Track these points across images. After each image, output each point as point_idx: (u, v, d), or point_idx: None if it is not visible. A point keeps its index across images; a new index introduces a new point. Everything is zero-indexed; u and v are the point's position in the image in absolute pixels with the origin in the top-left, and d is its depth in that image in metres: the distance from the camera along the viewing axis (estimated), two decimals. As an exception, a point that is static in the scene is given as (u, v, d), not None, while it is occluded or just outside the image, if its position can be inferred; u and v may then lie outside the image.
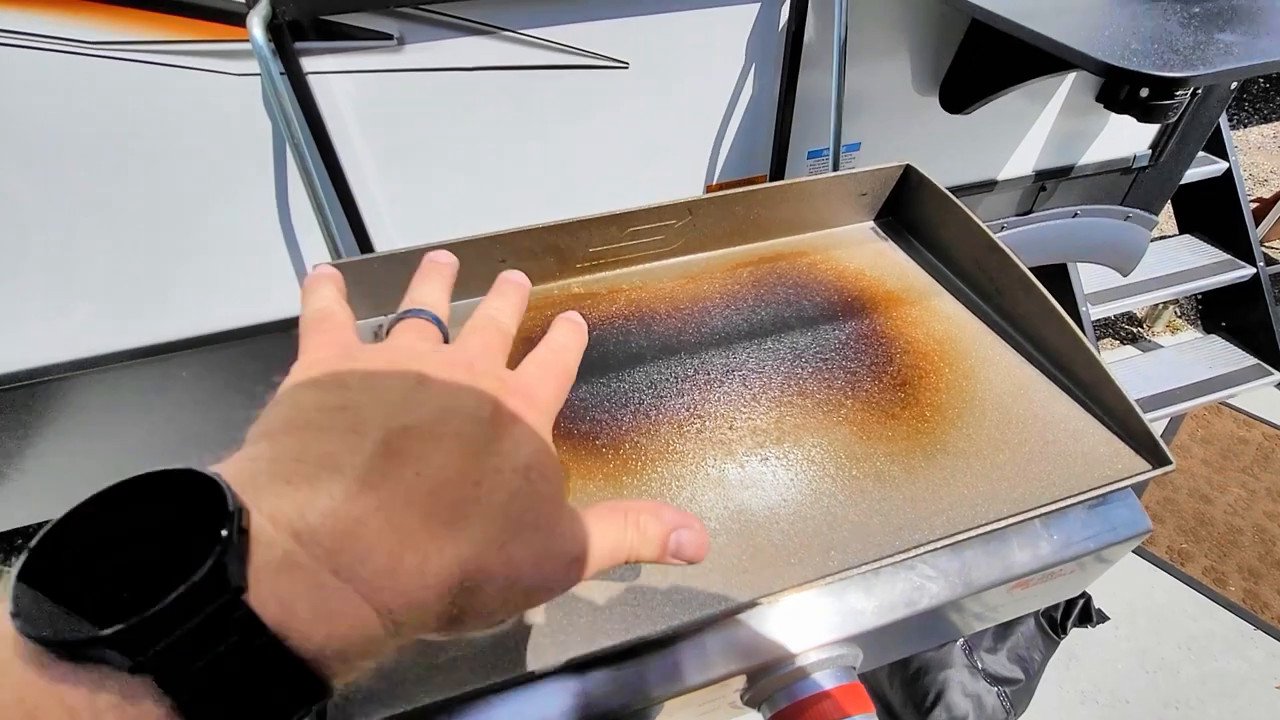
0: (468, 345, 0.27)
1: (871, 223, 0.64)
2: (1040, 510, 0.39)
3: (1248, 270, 1.69)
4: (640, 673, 0.35)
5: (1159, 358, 1.75)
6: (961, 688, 1.09)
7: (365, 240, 0.83)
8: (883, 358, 0.51)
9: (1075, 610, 1.15)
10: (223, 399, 0.91)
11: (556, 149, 0.87)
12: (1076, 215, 1.29)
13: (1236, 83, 1.58)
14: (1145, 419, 0.42)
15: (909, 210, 0.62)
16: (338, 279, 0.30)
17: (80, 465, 0.92)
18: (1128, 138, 1.22)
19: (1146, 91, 0.68)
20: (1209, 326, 1.86)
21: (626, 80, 0.83)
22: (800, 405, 0.47)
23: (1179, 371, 1.67)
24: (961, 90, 0.96)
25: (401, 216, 0.85)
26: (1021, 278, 0.50)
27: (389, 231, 0.85)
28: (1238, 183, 1.67)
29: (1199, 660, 1.41)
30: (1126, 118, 0.77)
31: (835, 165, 0.86)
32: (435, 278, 0.32)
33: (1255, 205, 2.12)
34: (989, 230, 0.53)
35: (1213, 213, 1.75)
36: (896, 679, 1.13)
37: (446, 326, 0.29)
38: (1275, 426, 1.89)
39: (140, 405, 0.89)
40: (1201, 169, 1.63)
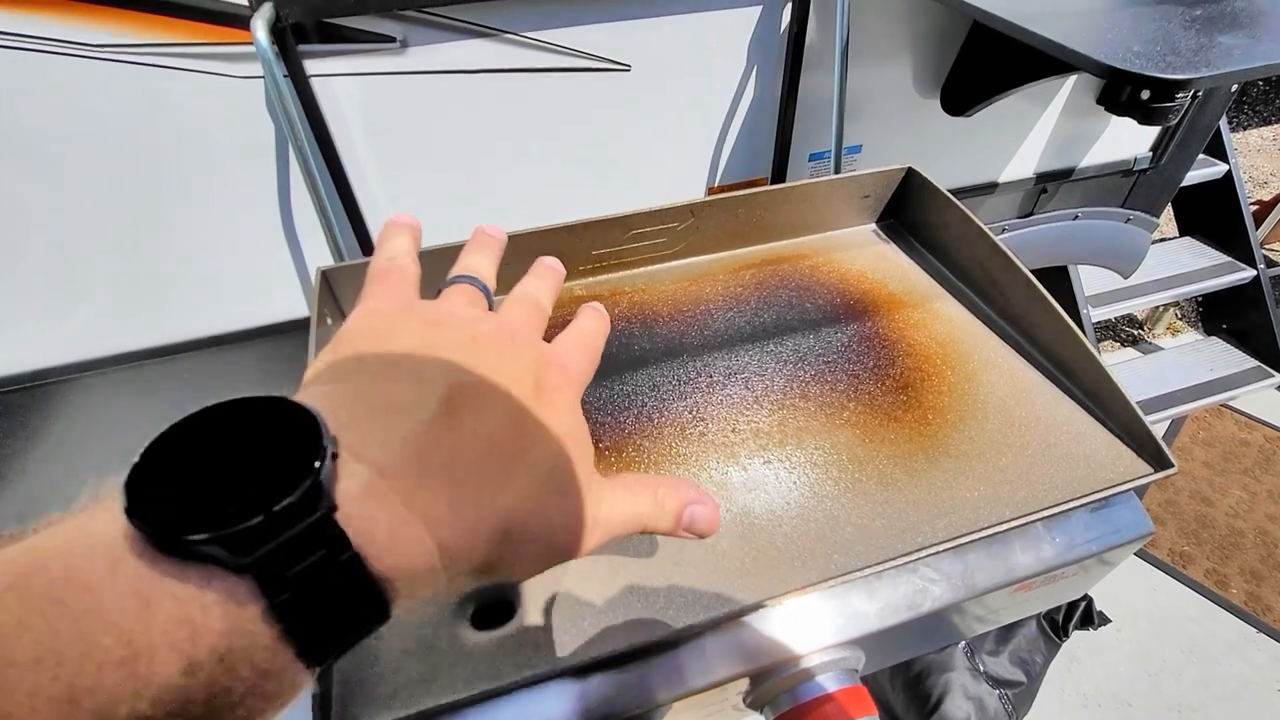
0: (511, 316, 0.29)
1: (874, 225, 0.64)
2: (1042, 513, 0.39)
3: (1248, 272, 1.69)
4: (643, 675, 0.35)
5: (1160, 360, 1.75)
6: (963, 690, 1.09)
7: (368, 242, 0.83)
8: (885, 360, 0.51)
9: (1077, 613, 1.15)
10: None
11: (559, 151, 0.87)
12: (1077, 217, 1.29)
13: (1237, 85, 1.58)
14: (1147, 422, 0.42)
15: (911, 213, 0.62)
16: (416, 229, 0.32)
17: (82, 467, 0.92)
18: (1128, 140, 1.22)
19: (1147, 94, 0.68)
20: (1210, 329, 1.86)
21: (628, 82, 0.83)
22: (803, 408, 0.47)
23: (1180, 374, 1.67)
24: (963, 92, 0.96)
25: (404, 219, 0.85)
26: (1023, 280, 0.51)
27: (391, 234, 0.85)
28: (1238, 185, 1.67)
29: (1201, 663, 1.41)
30: (1127, 120, 0.77)
31: (837, 167, 0.86)
32: (486, 249, 0.33)
33: (1255, 208, 2.13)
34: (991, 233, 0.53)
35: (1213, 215, 1.75)
36: (898, 681, 1.12)
37: (493, 296, 0.30)
38: (1276, 429, 1.89)
39: (143, 406, 0.89)
40: (1202, 171, 1.63)
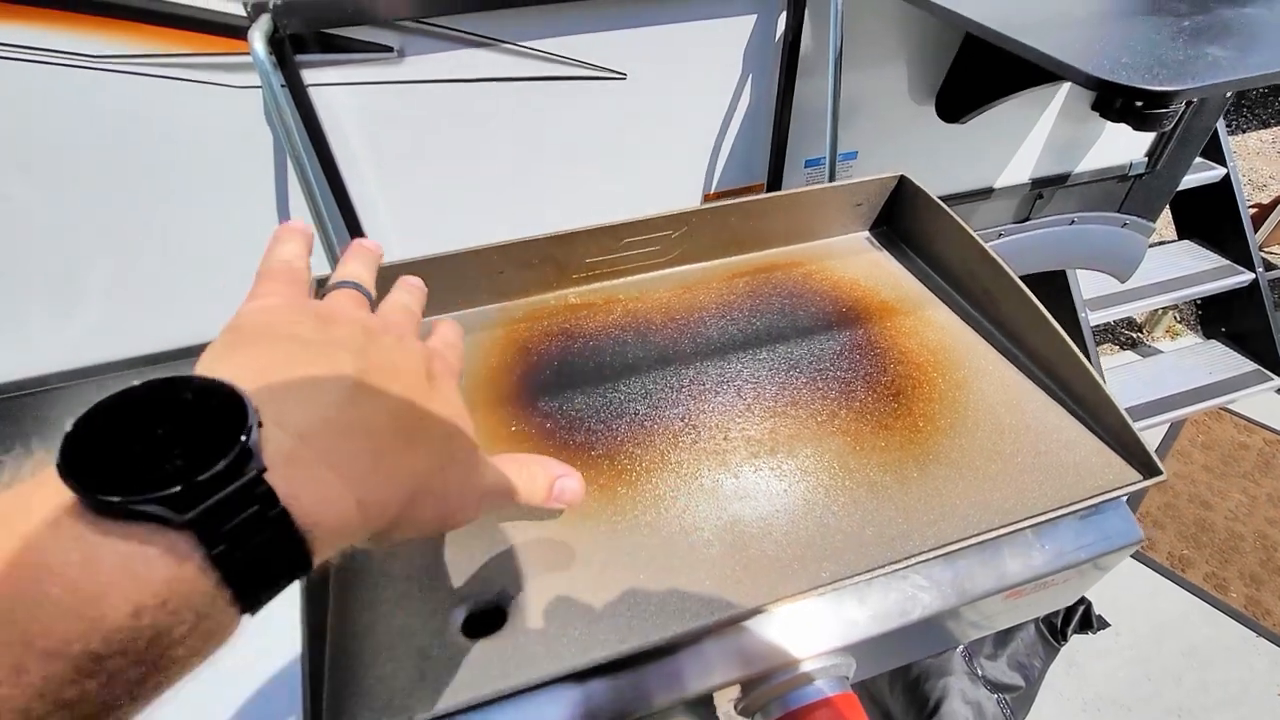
0: (394, 317, 0.32)
1: (867, 233, 0.65)
2: (1032, 520, 0.40)
3: (1247, 276, 1.70)
4: (635, 682, 0.36)
5: (1159, 363, 1.75)
6: (962, 695, 1.09)
7: (365, 250, 0.84)
8: (876, 368, 0.51)
9: (1076, 617, 1.15)
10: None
11: (555, 160, 0.87)
12: (1074, 222, 1.30)
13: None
14: (1136, 430, 0.43)
15: (904, 220, 0.63)
16: (308, 236, 0.34)
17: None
18: (1124, 145, 1.23)
19: (1141, 101, 0.68)
20: (1209, 332, 1.86)
21: (624, 90, 0.84)
22: (794, 415, 0.48)
23: (1179, 377, 1.67)
24: (957, 99, 0.97)
25: (402, 227, 0.86)
26: (1015, 288, 0.51)
27: (390, 242, 0.86)
28: (1236, 188, 1.67)
29: (1201, 668, 1.41)
30: (1122, 126, 0.78)
31: (831, 174, 0.86)
32: (365, 257, 0.36)
33: (1254, 210, 2.13)
34: (982, 241, 0.53)
35: (1211, 218, 1.76)
36: (897, 686, 1.12)
37: (373, 300, 0.33)
38: (1276, 432, 1.89)
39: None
40: (1200, 174, 1.64)
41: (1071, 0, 0.73)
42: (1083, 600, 1.10)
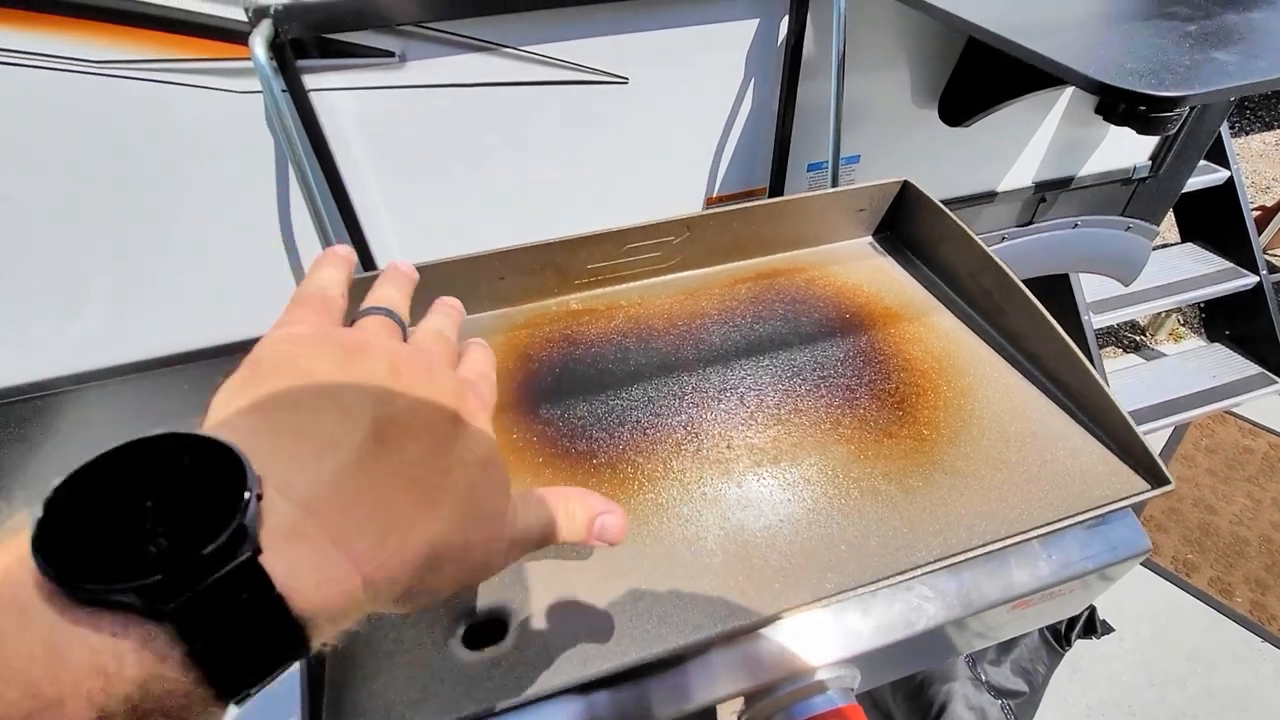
0: (426, 346, 0.30)
1: (870, 238, 0.64)
2: (1038, 531, 0.39)
3: (1251, 279, 1.69)
4: (638, 695, 0.35)
5: (1162, 366, 1.74)
6: (965, 700, 1.08)
7: (367, 257, 0.84)
8: (880, 375, 0.51)
9: (1080, 622, 1.14)
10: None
11: (558, 164, 0.87)
12: (1077, 226, 1.29)
13: (1237, 92, 1.57)
14: (1144, 438, 0.42)
15: (907, 226, 0.62)
16: (350, 262, 0.32)
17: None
18: (1128, 149, 1.22)
19: (1145, 106, 0.68)
20: (1212, 335, 1.85)
21: (626, 95, 0.83)
22: (797, 423, 0.47)
23: (1183, 380, 1.66)
24: (960, 103, 0.97)
25: (403, 233, 0.85)
26: (1019, 294, 0.51)
27: (391, 248, 0.86)
28: (1240, 191, 1.66)
29: (1206, 673, 1.40)
30: (1126, 129, 0.77)
31: (834, 178, 0.86)
32: (399, 281, 0.34)
33: (1258, 213, 2.12)
34: (986, 246, 0.53)
35: (1215, 221, 1.75)
36: (900, 692, 1.12)
37: (406, 326, 0.31)
38: (1280, 435, 1.88)
39: (142, 418, 0.89)
40: (1203, 177, 1.63)
41: (1074, 4, 0.72)
42: (1087, 605, 1.10)
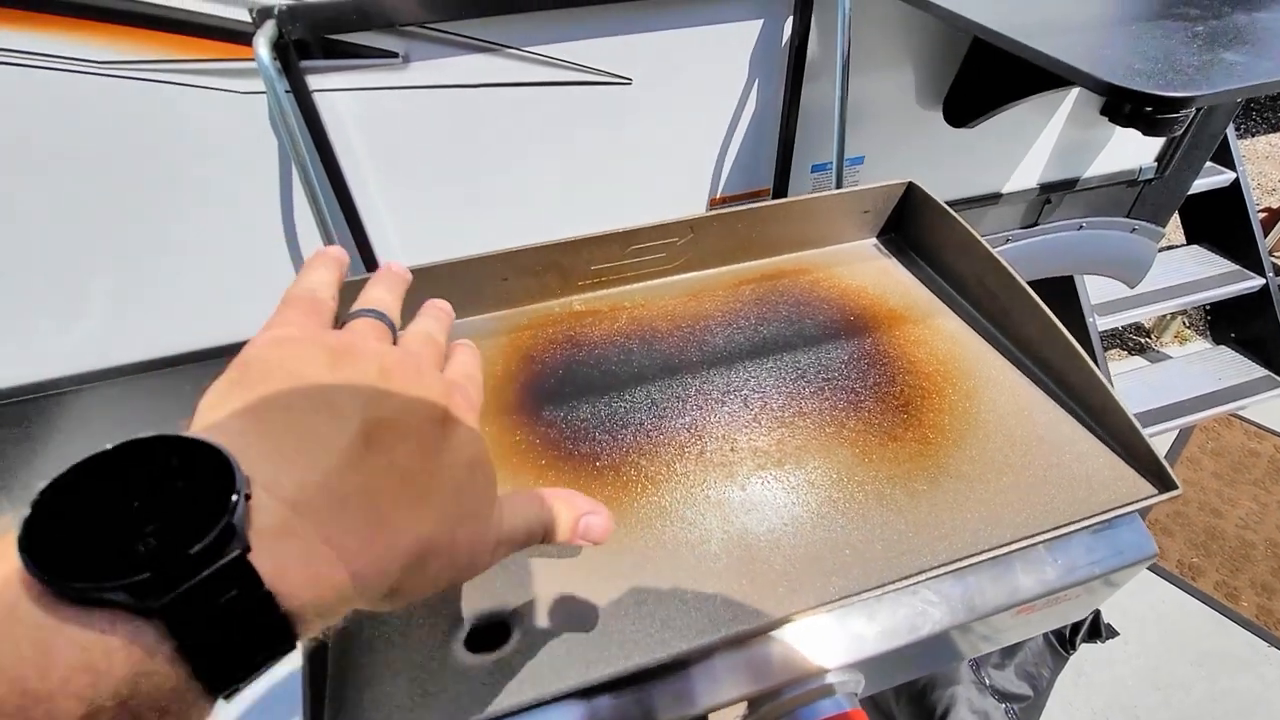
0: (415, 349, 0.30)
1: (874, 240, 0.64)
2: (1044, 535, 0.39)
3: (1257, 281, 1.68)
4: (640, 700, 0.35)
5: (1167, 369, 1.73)
6: (969, 704, 1.08)
7: (370, 257, 0.84)
8: (885, 378, 0.50)
9: (1084, 626, 1.14)
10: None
11: (560, 165, 0.87)
12: (1082, 227, 1.29)
13: (1243, 94, 1.57)
14: (1151, 443, 0.42)
15: (912, 227, 0.62)
16: (341, 264, 0.32)
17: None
18: (1133, 150, 1.22)
19: (1152, 107, 0.67)
20: (1218, 337, 1.85)
21: (630, 96, 0.83)
22: (802, 426, 0.47)
23: (1188, 383, 1.66)
24: (965, 104, 0.96)
25: (406, 234, 0.85)
26: (1025, 297, 0.50)
27: (394, 249, 0.86)
28: (1246, 193, 1.65)
29: (1211, 678, 1.39)
30: (1131, 130, 0.77)
31: (839, 179, 0.86)
32: (390, 283, 0.34)
33: (1264, 215, 2.11)
34: (992, 248, 0.53)
35: (1221, 223, 1.74)
36: (903, 695, 1.11)
37: (397, 328, 0.32)
38: (1287, 438, 1.87)
39: (146, 417, 0.89)
40: (1209, 179, 1.62)
41: (1081, 4, 0.72)
42: (1092, 610, 1.09)
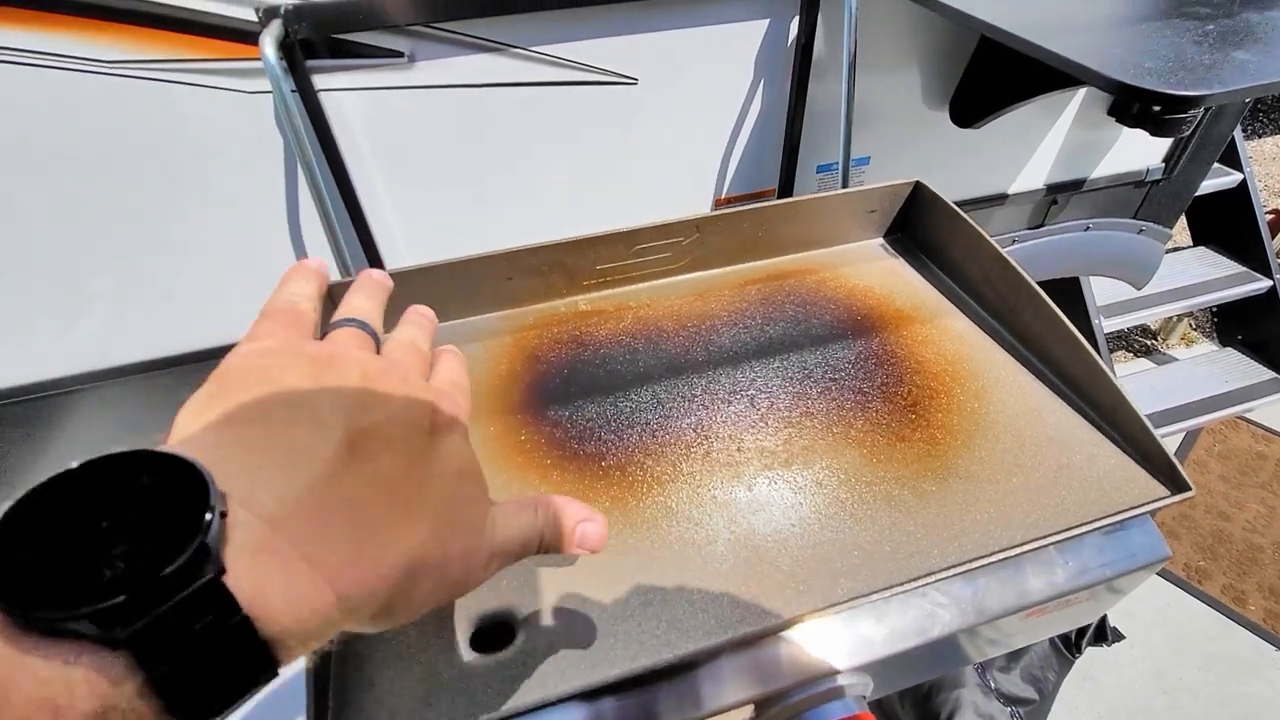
0: (399, 357, 0.30)
1: (881, 239, 0.64)
2: (1055, 537, 0.39)
3: (1264, 283, 1.67)
4: (646, 702, 0.35)
5: (1174, 371, 1.73)
6: (974, 708, 1.07)
7: (375, 257, 0.84)
8: (893, 378, 0.50)
9: (1090, 629, 1.13)
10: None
11: (566, 165, 0.87)
12: (1089, 229, 1.28)
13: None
14: (1163, 443, 0.41)
15: (919, 227, 0.62)
16: (321, 276, 0.32)
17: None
18: (1140, 151, 1.21)
19: (1159, 106, 0.67)
20: (1225, 339, 1.83)
21: (635, 96, 0.83)
22: (809, 426, 0.47)
23: (1194, 385, 1.65)
24: (972, 105, 0.96)
25: (411, 233, 0.85)
26: (1034, 296, 0.50)
27: (399, 248, 0.86)
28: (1253, 194, 1.65)
29: (1219, 682, 1.38)
30: (1139, 131, 0.76)
31: (845, 179, 0.86)
32: (371, 290, 0.33)
33: (1271, 217, 2.10)
34: (1000, 248, 0.52)
35: (1228, 224, 1.73)
36: (908, 698, 1.11)
37: (380, 337, 0.31)
38: (1294, 441, 1.86)
39: (148, 418, 0.89)
40: (1216, 180, 1.61)
41: (1089, 3, 0.72)
42: (1101, 613, 1.08)
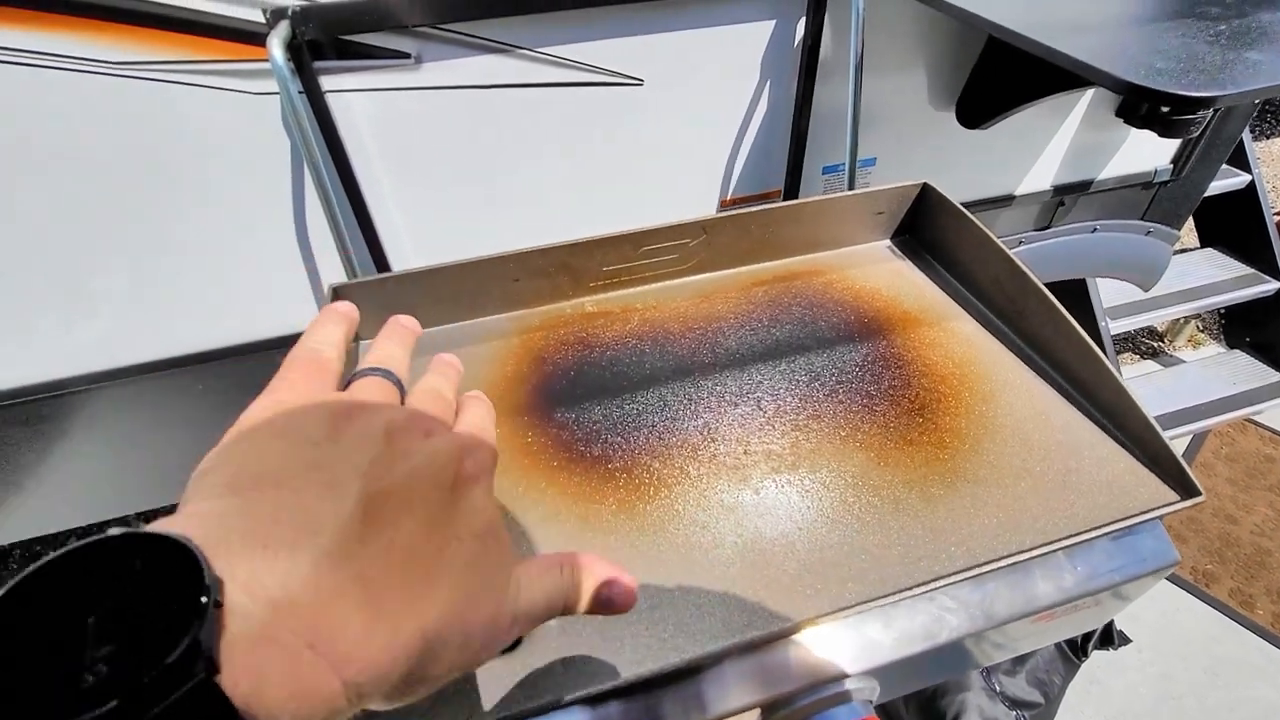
0: (423, 407, 0.28)
1: (888, 241, 0.64)
2: (1064, 542, 0.38)
3: (1272, 284, 1.66)
4: (651, 707, 0.35)
5: (1181, 373, 1.72)
6: (980, 711, 1.07)
7: (381, 258, 0.84)
8: (900, 381, 0.50)
9: (1096, 633, 1.12)
10: (236, 412, 0.92)
11: (572, 166, 0.87)
12: (1096, 230, 1.27)
13: (1260, 95, 1.55)
14: (1173, 448, 0.41)
15: (926, 229, 0.61)
16: (352, 320, 0.31)
17: (96, 477, 0.93)
18: (1148, 152, 1.21)
19: (1168, 107, 0.67)
20: (1232, 341, 1.82)
21: (642, 97, 0.83)
22: (816, 429, 0.46)
23: (1202, 387, 1.64)
24: (979, 106, 0.95)
25: (418, 234, 0.85)
26: (1042, 299, 0.50)
27: (405, 250, 0.86)
28: (1261, 195, 1.64)
29: (1226, 686, 1.37)
30: (1147, 132, 0.76)
31: (851, 181, 0.85)
32: (399, 337, 0.33)
33: (1279, 218, 2.09)
34: (1008, 250, 0.52)
35: (1235, 226, 1.72)
36: (912, 702, 1.10)
37: (406, 386, 0.30)
38: (1303, 444, 1.84)
39: (156, 418, 0.90)
40: (1224, 182, 1.60)
41: (1099, 3, 0.71)
42: (1110, 618, 1.08)
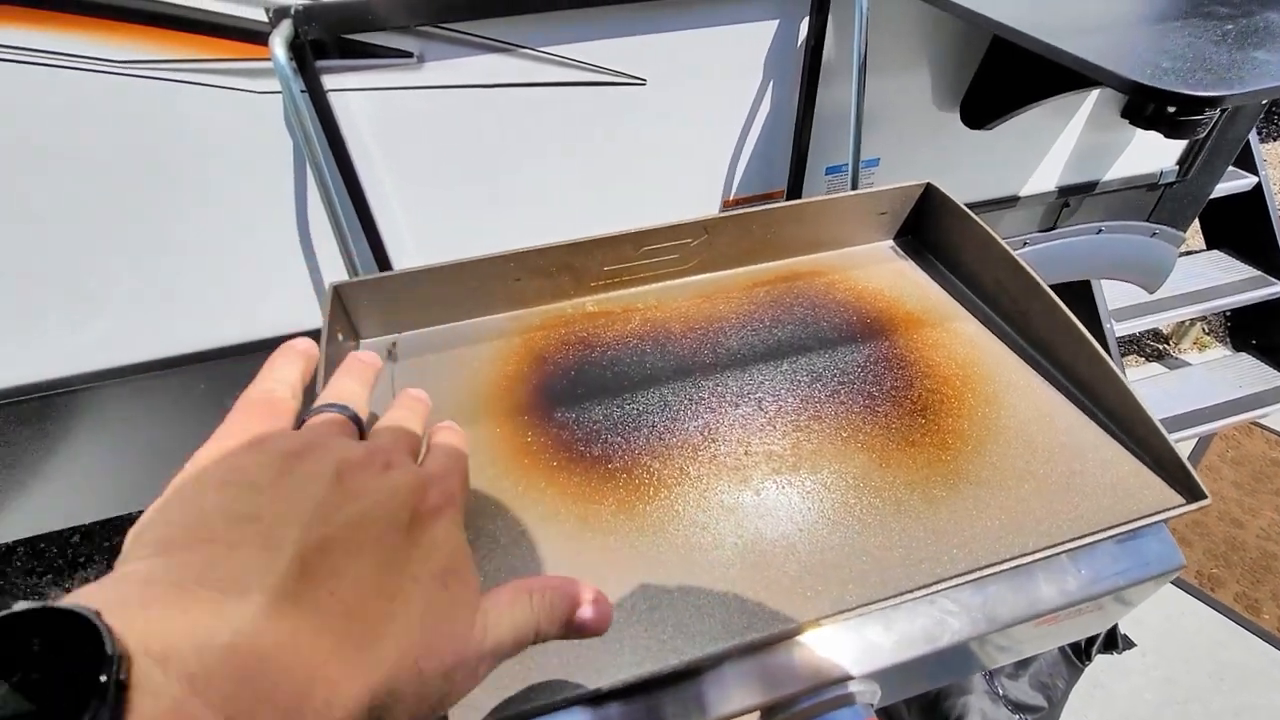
0: (381, 442, 0.27)
1: (891, 241, 0.63)
2: (1068, 545, 0.38)
3: (1278, 287, 1.65)
4: (651, 708, 0.34)
5: (1186, 376, 1.71)
6: (982, 715, 1.06)
7: (383, 258, 0.84)
8: (902, 381, 0.49)
9: (1100, 637, 1.12)
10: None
11: (574, 165, 0.87)
12: (1101, 232, 1.27)
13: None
14: (1178, 450, 0.41)
15: (930, 229, 0.61)
16: (309, 359, 0.30)
17: (98, 476, 0.93)
18: (1154, 153, 1.20)
19: (1175, 108, 0.66)
20: (1238, 344, 1.81)
21: (644, 96, 0.83)
22: (817, 430, 0.46)
23: (1207, 390, 1.63)
24: (983, 106, 0.95)
25: (419, 233, 0.85)
26: (1046, 300, 0.49)
27: (407, 249, 0.86)
28: (1268, 197, 1.63)
29: (1231, 691, 1.36)
30: (1153, 133, 0.75)
31: (854, 181, 0.85)
32: (357, 372, 0.32)
33: (1286, 220, 2.07)
34: (1012, 250, 0.52)
35: (1242, 228, 1.71)
36: (914, 704, 1.10)
37: (364, 422, 0.29)
38: (1309, 448, 1.83)
39: (158, 417, 0.90)
40: (1230, 183, 1.59)
41: (1105, 3, 0.71)
42: (1113, 622, 1.07)
